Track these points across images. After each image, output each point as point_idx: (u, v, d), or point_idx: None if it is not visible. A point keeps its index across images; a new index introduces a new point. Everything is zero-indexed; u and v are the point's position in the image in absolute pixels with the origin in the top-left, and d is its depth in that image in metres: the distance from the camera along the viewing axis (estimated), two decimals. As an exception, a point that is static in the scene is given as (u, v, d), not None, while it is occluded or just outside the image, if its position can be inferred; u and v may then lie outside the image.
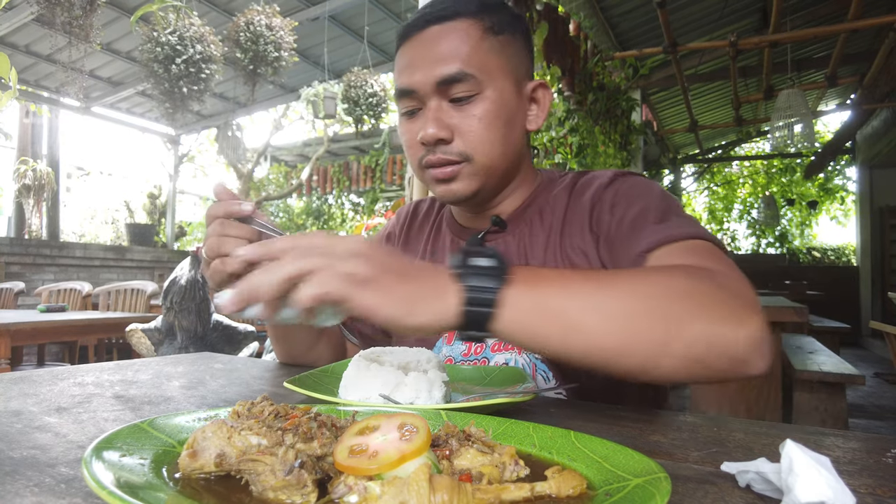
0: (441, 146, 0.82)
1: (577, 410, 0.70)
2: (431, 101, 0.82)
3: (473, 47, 0.80)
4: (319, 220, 11.55)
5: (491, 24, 0.82)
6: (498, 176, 0.86)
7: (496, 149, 0.83)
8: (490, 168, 0.84)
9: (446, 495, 0.33)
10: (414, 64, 0.82)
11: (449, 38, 0.80)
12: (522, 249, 0.90)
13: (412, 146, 0.86)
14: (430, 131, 0.80)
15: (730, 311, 0.55)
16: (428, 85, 0.81)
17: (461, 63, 0.79)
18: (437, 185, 0.85)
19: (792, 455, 0.37)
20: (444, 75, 0.79)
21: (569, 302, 0.52)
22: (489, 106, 0.81)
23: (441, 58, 0.80)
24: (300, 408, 0.47)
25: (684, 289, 0.55)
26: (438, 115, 0.81)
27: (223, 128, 7.63)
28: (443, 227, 1.03)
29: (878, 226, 8.83)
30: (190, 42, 4.37)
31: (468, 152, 0.82)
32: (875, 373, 6.12)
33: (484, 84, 0.81)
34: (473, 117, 0.81)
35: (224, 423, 0.42)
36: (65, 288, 4.33)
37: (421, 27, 0.83)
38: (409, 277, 0.49)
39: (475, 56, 0.80)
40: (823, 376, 2.58)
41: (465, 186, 0.84)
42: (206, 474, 0.40)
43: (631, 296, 0.54)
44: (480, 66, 0.80)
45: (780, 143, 5.29)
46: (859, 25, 4.25)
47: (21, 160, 6.32)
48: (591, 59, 4.86)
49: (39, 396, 0.68)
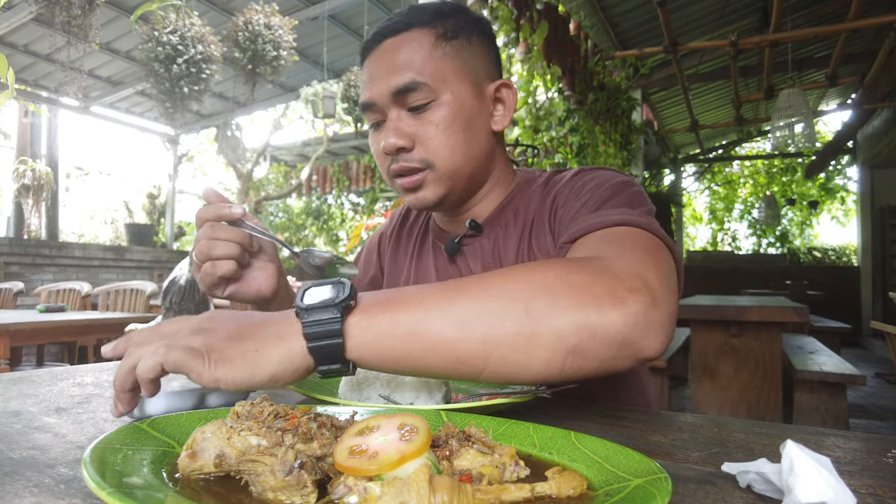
0: (403, 154, 0.83)
1: (578, 411, 0.70)
2: (391, 111, 0.83)
3: (425, 56, 0.82)
4: (319, 220, 11.55)
5: (444, 30, 0.83)
6: (464, 179, 0.86)
7: (457, 153, 0.83)
8: (454, 172, 0.84)
9: (446, 496, 0.33)
10: (372, 78, 0.84)
11: (401, 50, 0.82)
12: (497, 252, 0.90)
13: (379, 156, 0.87)
14: (391, 141, 0.82)
15: (602, 294, 0.51)
16: (385, 96, 0.82)
17: (413, 72, 0.81)
18: (406, 193, 0.87)
19: (793, 455, 0.37)
20: (399, 85, 0.81)
21: (424, 316, 0.50)
22: (445, 111, 0.82)
23: (394, 69, 0.81)
24: (300, 408, 0.47)
25: (549, 280, 0.52)
26: (398, 124, 0.83)
27: (222, 127, 7.63)
28: (428, 233, 1.04)
29: (878, 226, 8.83)
30: (192, 42, 4.37)
31: (429, 159, 0.83)
32: (876, 373, 6.12)
33: (438, 91, 0.82)
34: (431, 124, 0.82)
35: (224, 424, 0.42)
36: (64, 288, 4.33)
37: (377, 42, 0.85)
38: (245, 336, 0.48)
39: (428, 64, 0.82)
40: (824, 376, 2.58)
41: (431, 193, 0.85)
42: (206, 475, 0.39)
43: (489, 297, 0.51)
44: (433, 74, 0.81)
45: (781, 142, 5.29)
46: (860, 25, 4.25)
47: (20, 160, 6.32)
48: (592, 58, 4.86)
49: (39, 397, 0.68)
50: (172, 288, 2.95)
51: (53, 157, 6.88)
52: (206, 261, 0.74)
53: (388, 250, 1.08)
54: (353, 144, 9.98)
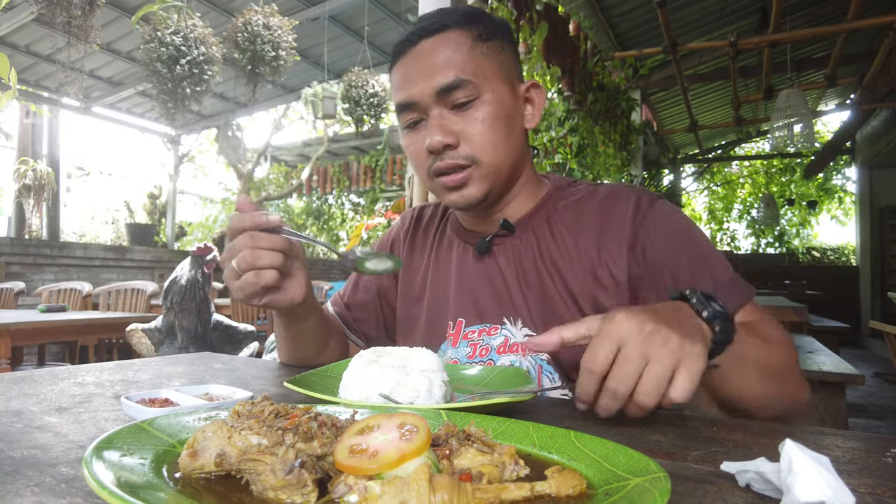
0: (448, 152, 0.83)
1: (577, 410, 0.70)
2: (433, 110, 0.84)
3: (466, 55, 0.83)
4: (319, 221, 11.54)
5: (479, 32, 0.85)
6: (504, 176, 0.88)
7: (500, 149, 0.85)
8: (497, 168, 0.86)
9: (446, 495, 0.33)
10: (411, 78, 0.84)
11: (442, 49, 0.83)
12: (531, 255, 0.90)
13: (418, 156, 0.87)
14: (437, 139, 0.82)
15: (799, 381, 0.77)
16: (427, 95, 0.83)
17: (457, 70, 0.82)
18: (449, 192, 0.87)
19: (791, 455, 0.37)
20: (443, 84, 0.82)
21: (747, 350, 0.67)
22: (489, 108, 0.83)
23: (437, 68, 0.82)
24: (300, 407, 0.47)
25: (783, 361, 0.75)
26: (442, 122, 0.83)
27: (223, 128, 7.63)
28: (447, 233, 1.03)
29: (877, 226, 8.84)
30: (193, 43, 4.37)
31: (474, 155, 0.84)
32: (875, 372, 6.12)
33: (481, 88, 0.83)
34: (476, 120, 0.83)
35: (224, 423, 0.42)
36: (65, 288, 4.33)
37: (413, 42, 0.85)
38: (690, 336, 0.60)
39: (469, 62, 0.83)
40: (823, 376, 2.58)
41: (475, 190, 0.86)
42: (207, 474, 0.39)
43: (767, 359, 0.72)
44: (475, 72, 0.83)
45: (780, 142, 5.29)
46: (859, 25, 4.25)
47: (21, 160, 6.32)
48: (591, 59, 4.86)
49: (40, 396, 0.68)
50: (173, 288, 2.95)
51: (54, 157, 6.88)
52: (251, 270, 0.72)
53: (402, 252, 1.08)
54: (353, 145, 9.98)
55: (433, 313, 0.98)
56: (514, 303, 0.90)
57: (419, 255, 1.05)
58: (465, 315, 0.94)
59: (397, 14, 5.94)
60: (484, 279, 0.93)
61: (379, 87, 6.10)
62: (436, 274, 1.01)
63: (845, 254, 12.71)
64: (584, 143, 5.15)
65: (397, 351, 0.70)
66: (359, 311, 1.09)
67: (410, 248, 1.07)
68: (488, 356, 0.89)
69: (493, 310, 0.91)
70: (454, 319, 0.95)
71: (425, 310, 1.00)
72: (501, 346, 0.89)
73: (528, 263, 0.90)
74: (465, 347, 0.91)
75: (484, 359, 0.89)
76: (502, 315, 0.90)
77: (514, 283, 0.90)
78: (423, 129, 0.86)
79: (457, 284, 0.96)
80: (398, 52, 0.87)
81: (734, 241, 14.20)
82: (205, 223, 10.88)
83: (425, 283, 1.01)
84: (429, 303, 1.00)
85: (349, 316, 1.08)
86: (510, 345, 0.88)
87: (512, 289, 0.90)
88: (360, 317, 1.08)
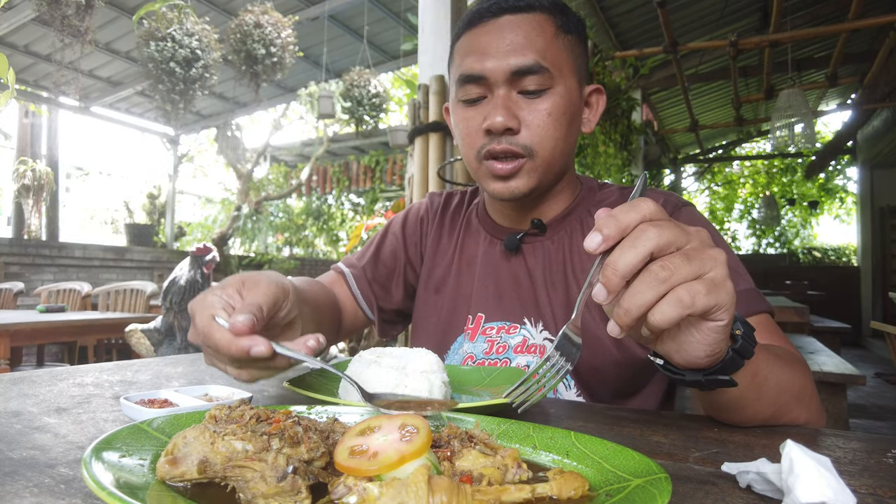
0: (507, 136, 0.80)
1: (578, 411, 0.70)
2: (500, 89, 0.80)
3: (548, 42, 0.80)
4: (319, 221, 11.53)
5: (562, 22, 0.82)
6: (553, 175, 0.86)
7: (558, 146, 0.82)
8: (549, 165, 0.83)
9: (445, 497, 0.33)
10: (486, 51, 0.80)
11: (525, 29, 0.79)
12: (562, 257, 0.89)
13: (471, 134, 0.83)
14: (500, 119, 0.78)
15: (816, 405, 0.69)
16: (500, 73, 0.79)
17: (537, 55, 0.78)
18: (495, 180, 0.83)
19: (792, 455, 0.37)
20: (521, 65, 0.78)
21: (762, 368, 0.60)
22: (558, 101, 0.80)
23: (516, 48, 0.78)
24: (280, 411, 0.46)
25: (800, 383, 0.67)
26: (508, 104, 0.80)
27: (222, 128, 7.63)
28: (473, 224, 1.00)
29: (878, 226, 8.83)
30: (192, 43, 4.37)
31: (532, 146, 0.81)
32: (876, 373, 6.12)
33: (555, 79, 0.80)
34: (542, 111, 0.80)
35: (206, 428, 0.40)
36: (64, 288, 4.33)
37: (495, 14, 0.81)
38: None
39: (550, 50, 0.79)
40: (824, 376, 2.57)
41: (524, 183, 0.83)
42: (188, 482, 0.37)
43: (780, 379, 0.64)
44: (553, 62, 0.79)
45: (781, 142, 5.29)
46: (860, 25, 4.25)
47: (20, 160, 6.32)
48: (592, 58, 4.86)
49: (39, 397, 0.68)
50: (173, 288, 2.95)
51: (53, 157, 6.88)
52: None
53: (430, 233, 1.04)
54: (353, 145, 9.98)
55: (453, 305, 0.96)
56: (539, 304, 0.88)
57: (447, 239, 1.02)
58: (487, 310, 0.92)
59: (397, 14, 5.94)
60: (510, 276, 0.91)
61: (380, 87, 6.11)
62: (461, 260, 0.98)
63: (846, 254, 12.70)
64: (584, 142, 5.15)
65: (397, 352, 0.70)
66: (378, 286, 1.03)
67: (439, 231, 1.04)
68: (505, 354, 0.87)
69: (515, 308, 0.89)
70: (474, 314, 0.93)
71: (446, 299, 0.97)
72: (519, 346, 0.87)
73: (556, 266, 0.88)
74: (482, 343, 0.90)
75: (501, 356, 0.87)
76: (524, 315, 0.89)
77: (541, 283, 0.89)
78: (484, 105, 0.82)
79: (481, 278, 0.94)
80: (474, 20, 0.83)
81: (735, 242, 14.19)
82: (204, 223, 10.88)
83: (449, 272, 0.99)
84: (451, 292, 0.97)
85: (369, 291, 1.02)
86: (528, 345, 0.87)
87: (538, 289, 0.89)
88: (380, 293, 1.03)
